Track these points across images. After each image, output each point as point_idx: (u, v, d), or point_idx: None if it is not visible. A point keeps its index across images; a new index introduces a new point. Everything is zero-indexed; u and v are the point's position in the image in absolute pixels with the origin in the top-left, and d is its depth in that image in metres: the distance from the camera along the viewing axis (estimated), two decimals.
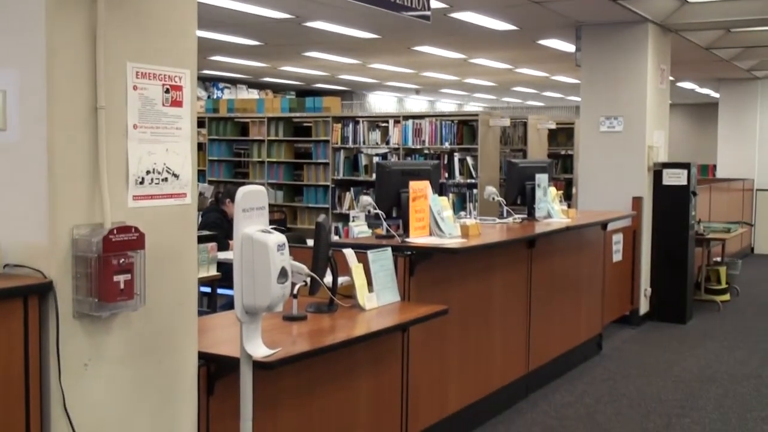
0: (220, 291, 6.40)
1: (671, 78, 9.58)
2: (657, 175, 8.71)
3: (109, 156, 2.72)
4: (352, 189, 11.49)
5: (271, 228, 2.83)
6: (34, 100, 2.62)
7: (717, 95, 15.95)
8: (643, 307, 8.79)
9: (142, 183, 2.85)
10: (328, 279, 3.92)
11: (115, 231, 2.66)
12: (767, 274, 12.31)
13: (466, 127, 10.55)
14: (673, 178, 8.66)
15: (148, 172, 2.86)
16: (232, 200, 7.21)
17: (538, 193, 6.45)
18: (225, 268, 6.08)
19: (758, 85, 14.37)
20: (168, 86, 2.92)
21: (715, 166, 15.72)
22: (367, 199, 5.02)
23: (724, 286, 9.96)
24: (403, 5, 5.47)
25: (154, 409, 2.94)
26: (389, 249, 4.38)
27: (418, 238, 4.89)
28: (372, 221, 5.48)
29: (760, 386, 6.48)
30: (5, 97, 2.68)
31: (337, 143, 11.61)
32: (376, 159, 11.14)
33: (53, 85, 2.60)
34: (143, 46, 2.85)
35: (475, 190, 10.27)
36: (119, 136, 2.77)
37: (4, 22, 2.68)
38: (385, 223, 4.96)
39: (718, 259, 10.54)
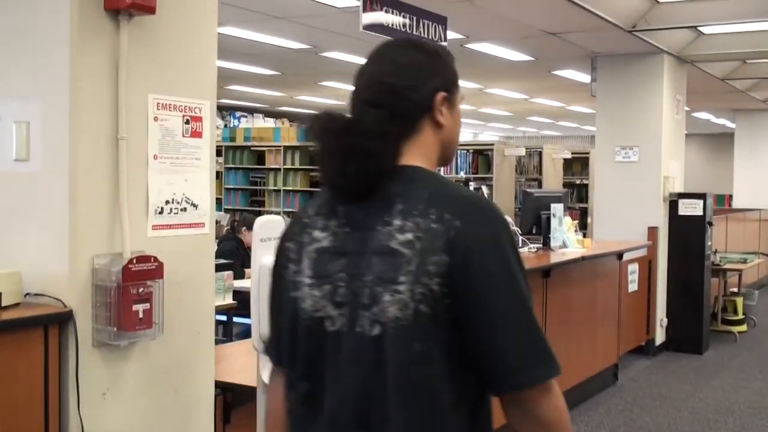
0: (236, 319, 6.41)
1: (687, 108, 9.57)
2: (673, 205, 8.69)
3: (129, 186, 2.76)
4: None
5: None
6: (57, 131, 2.66)
7: (733, 125, 15.93)
8: (659, 337, 8.74)
9: (161, 213, 2.88)
10: None
11: (134, 260, 2.69)
12: None
13: (481, 157, 10.57)
14: (689, 208, 8.64)
15: (167, 202, 2.90)
16: (249, 229, 7.26)
17: (554, 223, 6.45)
18: (241, 296, 6.10)
19: None
20: (188, 117, 2.96)
21: (731, 196, 15.67)
22: None
23: (740, 316, 9.90)
24: (420, 36, 5.53)
25: None
26: None
27: None
28: None
29: None
30: (29, 128, 2.73)
31: None
32: None
33: (76, 116, 2.64)
34: (164, 77, 2.89)
35: None
36: (140, 166, 2.81)
37: (29, 55, 2.73)
38: None
39: (735, 289, 10.48)
